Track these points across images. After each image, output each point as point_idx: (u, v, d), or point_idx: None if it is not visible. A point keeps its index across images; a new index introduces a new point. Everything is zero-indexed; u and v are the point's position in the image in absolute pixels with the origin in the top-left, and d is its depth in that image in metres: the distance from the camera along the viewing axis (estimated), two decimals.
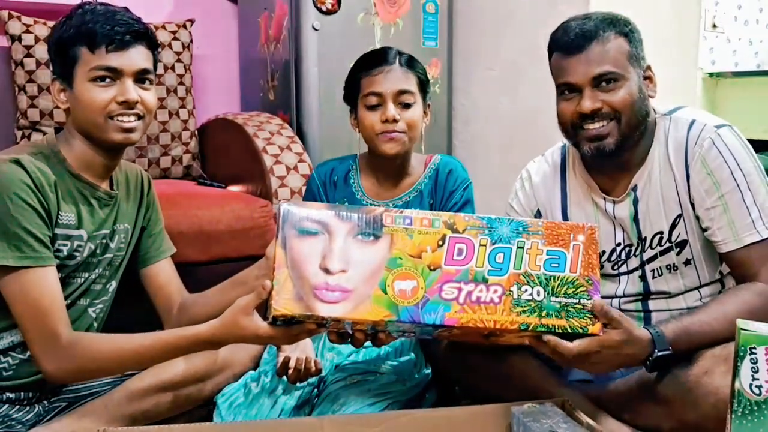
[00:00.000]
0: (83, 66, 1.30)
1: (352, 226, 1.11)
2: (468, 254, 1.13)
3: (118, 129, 1.32)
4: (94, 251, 1.39)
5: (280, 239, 1.09)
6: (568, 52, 1.32)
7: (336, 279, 1.08)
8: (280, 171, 2.08)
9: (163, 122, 2.28)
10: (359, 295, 1.09)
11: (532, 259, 1.15)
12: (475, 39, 2.61)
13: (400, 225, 1.13)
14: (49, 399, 1.40)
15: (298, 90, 2.34)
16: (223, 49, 2.76)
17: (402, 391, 1.46)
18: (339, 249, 1.09)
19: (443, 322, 1.10)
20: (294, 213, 1.11)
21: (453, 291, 1.11)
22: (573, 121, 1.34)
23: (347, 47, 2.27)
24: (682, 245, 1.39)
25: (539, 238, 1.16)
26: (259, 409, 1.42)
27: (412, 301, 1.10)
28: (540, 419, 1.19)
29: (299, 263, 1.08)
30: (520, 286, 1.13)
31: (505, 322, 1.11)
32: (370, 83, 1.54)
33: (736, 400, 0.97)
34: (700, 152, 1.32)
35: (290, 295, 1.07)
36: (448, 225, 1.14)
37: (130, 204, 1.49)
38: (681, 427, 1.24)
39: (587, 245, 1.17)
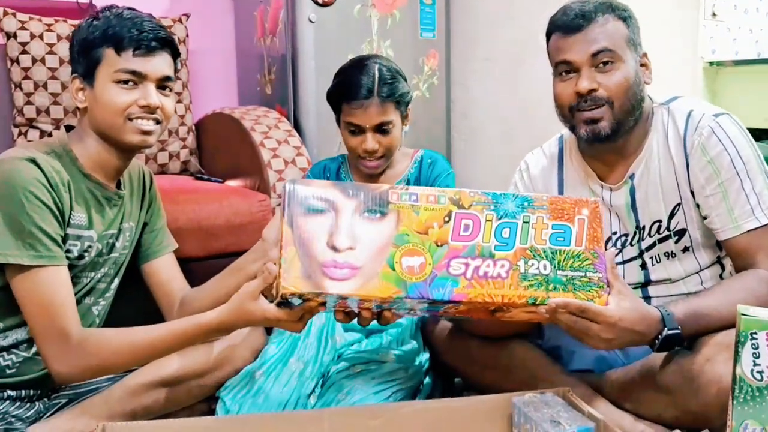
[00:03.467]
0: (107, 67, 1.31)
1: (359, 203, 1.11)
2: (474, 230, 1.13)
3: (136, 131, 1.33)
4: (101, 251, 1.39)
5: (286, 217, 1.09)
6: (567, 31, 1.34)
7: (344, 256, 1.08)
8: (277, 165, 2.07)
9: None
10: (367, 272, 1.08)
11: (538, 234, 1.15)
12: (474, 30, 2.61)
13: (406, 201, 1.12)
14: (50, 396, 1.40)
15: (295, 83, 2.33)
16: (220, 44, 2.75)
17: (405, 378, 1.48)
18: (346, 226, 1.09)
19: (451, 298, 1.09)
20: (300, 191, 1.10)
21: (460, 266, 1.11)
22: (570, 102, 1.34)
23: (344, 39, 2.27)
24: (680, 234, 1.39)
25: (544, 213, 1.16)
26: (266, 398, 1.42)
27: (420, 277, 1.09)
28: (541, 409, 1.19)
29: (307, 241, 1.08)
30: (526, 261, 1.13)
31: (513, 297, 1.11)
32: (350, 114, 1.60)
33: (738, 386, 0.97)
34: (699, 140, 1.32)
35: (299, 273, 1.06)
36: (454, 201, 1.13)
37: (135, 202, 1.49)
38: (684, 415, 1.24)
39: (591, 219, 1.17)
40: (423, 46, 2.51)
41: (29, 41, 2.09)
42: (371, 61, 1.63)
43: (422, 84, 2.55)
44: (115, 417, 1.37)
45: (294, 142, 2.15)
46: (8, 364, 1.32)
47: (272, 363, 1.49)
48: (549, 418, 1.15)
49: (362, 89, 1.58)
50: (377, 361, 1.50)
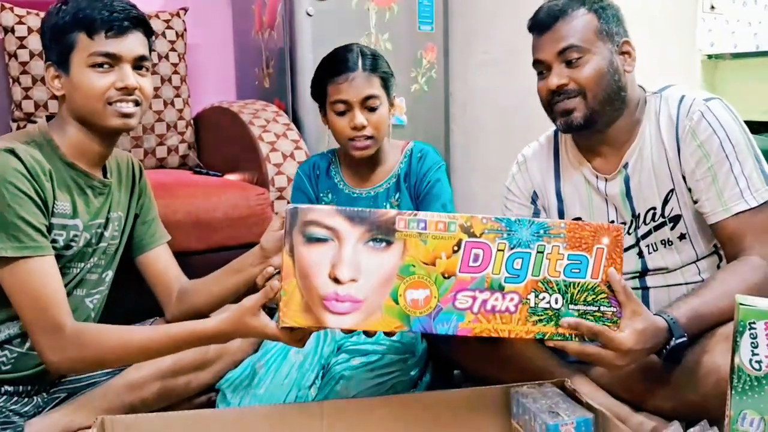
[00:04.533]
0: (81, 52, 1.29)
1: (363, 232, 1.06)
2: (484, 260, 1.09)
3: (116, 114, 1.31)
4: (89, 241, 1.38)
5: (287, 246, 1.05)
6: (539, 30, 1.38)
7: (346, 289, 1.04)
8: (276, 158, 2.07)
9: (158, 112, 2.27)
10: (370, 305, 1.05)
11: (552, 264, 1.10)
12: (472, 23, 2.60)
13: (413, 230, 1.07)
14: (48, 391, 1.40)
15: (293, 77, 2.33)
16: (217, 38, 2.74)
17: (404, 370, 1.49)
18: (349, 257, 1.05)
19: (456, 333, 1.07)
20: (301, 217, 1.06)
21: (467, 300, 1.08)
22: (546, 98, 1.39)
23: (342, 33, 2.26)
24: (675, 220, 1.40)
25: (561, 242, 1.10)
26: (266, 389, 1.43)
27: (424, 311, 1.07)
28: (539, 400, 1.19)
29: (307, 273, 1.05)
30: (537, 294, 1.10)
31: (521, 332, 1.09)
32: (337, 91, 1.58)
33: (736, 376, 0.97)
34: (690, 125, 1.33)
35: (299, 306, 1.05)
36: (465, 229, 1.08)
37: (123, 191, 1.48)
38: (682, 406, 1.24)
39: (611, 249, 1.11)
40: (421, 40, 2.51)
41: (27, 35, 2.08)
42: (351, 44, 1.65)
43: (420, 77, 2.54)
44: (113, 410, 1.36)
45: (292, 136, 2.15)
46: (2, 360, 1.32)
47: (272, 355, 1.50)
48: (547, 409, 1.15)
49: (347, 63, 1.58)
50: (376, 352, 1.50)
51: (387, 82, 1.62)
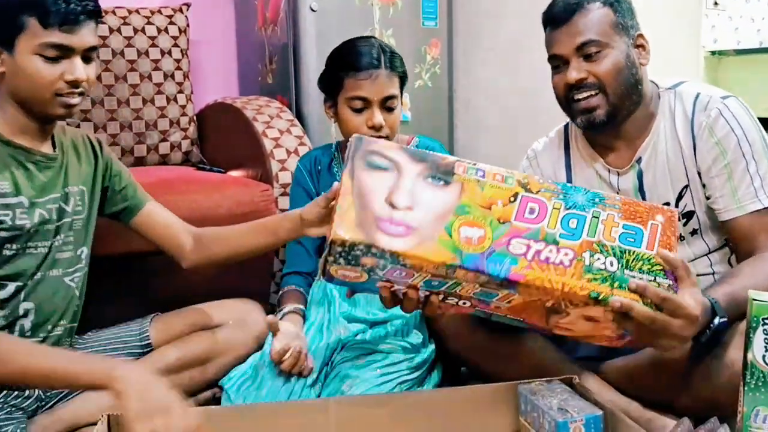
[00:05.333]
0: (31, 38, 1.26)
1: (423, 168, 1.06)
2: (540, 214, 1.07)
3: (61, 105, 1.30)
4: (46, 218, 1.35)
5: (347, 169, 1.05)
6: (555, 24, 1.37)
7: (401, 214, 1.03)
8: (280, 154, 2.06)
9: (161, 108, 2.26)
10: (423, 234, 1.02)
11: (607, 230, 1.08)
12: (476, 18, 2.59)
13: (472, 176, 1.07)
14: None
15: (296, 73, 2.31)
16: (220, 33, 2.73)
17: (410, 369, 1.47)
18: (407, 187, 1.05)
19: (508, 276, 1.03)
20: (365, 146, 1.07)
21: (521, 246, 1.04)
22: (564, 93, 1.37)
23: (346, 28, 2.24)
24: (688, 216, 1.40)
25: (616, 212, 1.09)
26: (270, 389, 1.41)
27: (477, 249, 1.03)
28: (548, 397, 1.19)
29: (365, 194, 1.04)
30: (592, 254, 1.05)
31: (575, 287, 1.03)
32: (357, 87, 1.54)
33: (749, 372, 0.97)
34: (707, 122, 1.34)
35: (352, 222, 1.02)
36: (522, 184, 1.08)
37: (84, 166, 1.45)
38: (693, 402, 1.24)
39: (666, 226, 1.10)
40: (425, 35, 2.50)
41: None
42: (369, 37, 1.61)
43: (424, 73, 2.53)
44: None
45: (296, 132, 2.14)
46: None
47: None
48: (556, 406, 1.15)
49: (370, 59, 1.54)
50: (382, 351, 1.49)
51: (404, 81, 1.61)
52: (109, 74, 2.17)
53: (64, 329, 1.40)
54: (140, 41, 2.22)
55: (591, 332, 1.13)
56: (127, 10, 2.25)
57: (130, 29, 2.22)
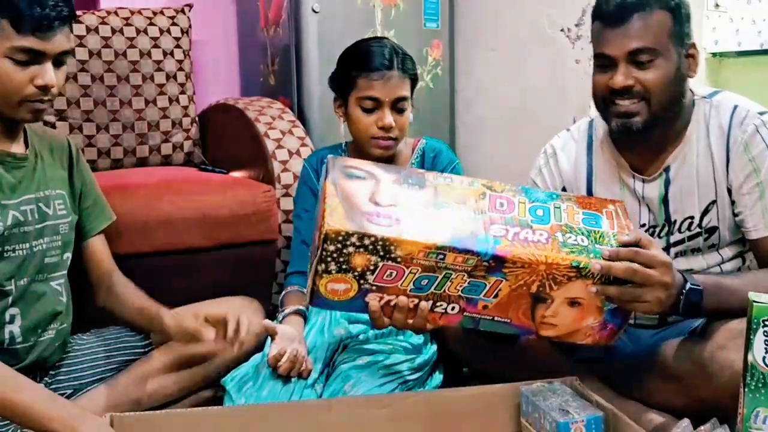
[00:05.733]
0: (2, 40, 1.23)
1: (397, 177, 1.17)
2: (509, 207, 1.17)
3: (30, 110, 1.29)
4: (22, 220, 1.32)
5: (329, 178, 1.12)
6: (608, 22, 1.29)
7: (386, 210, 1.09)
8: (282, 155, 2.07)
9: (163, 109, 2.26)
10: (410, 224, 1.09)
11: (570, 216, 1.18)
12: (477, 20, 2.60)
13: (441, 182, 1.19)
14: (47, 382, 1.39)
15: (299, 74, 2.32)
16: (221, 34, 2.73)
17: (411, 371, 1.47)
18: (386, 190, 1.13)
19: (495, 253, 1.08)
20: (340, 162, 1.17)
21: (501, 230, 1.12)
22: (604, 94, 1.32)
23: (348, 30, 2.25)
24: (711, 231, 1.37)
25: (573, 203, 1.20)
26: (270, 390, 1.41)
27: (462, 233, 1.10)
28: (549, 398, 1.20)
29: (349, 196, 1.10)
30: (563, 234, 1.14)
31: (557, 258, 1.10)
32: (369, 87, 1.55)
33: (749, 373, 0.97)
34: (743, 137, 1.30)
35: (341, 216, 1.06)
36: (487, 186, 1.20)
37: (58, 170, 1.44)
38: (693, 402, 1.23)
39: (619, 213, 1.21)
40: (427, 37, 2.50)
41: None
42: (382, 38, 1.63)
43: (426, 74, 2.53)
44: (121, 405, 1.38)
45: (298, 133, 2.14)
46: None
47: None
48: (558, 407, 1.16)
49: (383, 59, 1.55)
50: (383, 352, 1.49)
51: (415, 84, 1.61)
52: (111, 75, 2.17)
53: (56, 332, 1.40)
54: (142, 42, 2.22)
55: (575, 324, 1.17)
56: (130, 11, 2.25)
57: (133, 30, 2.22)
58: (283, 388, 1.41)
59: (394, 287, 1.11)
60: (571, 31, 2.25)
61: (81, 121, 2.14)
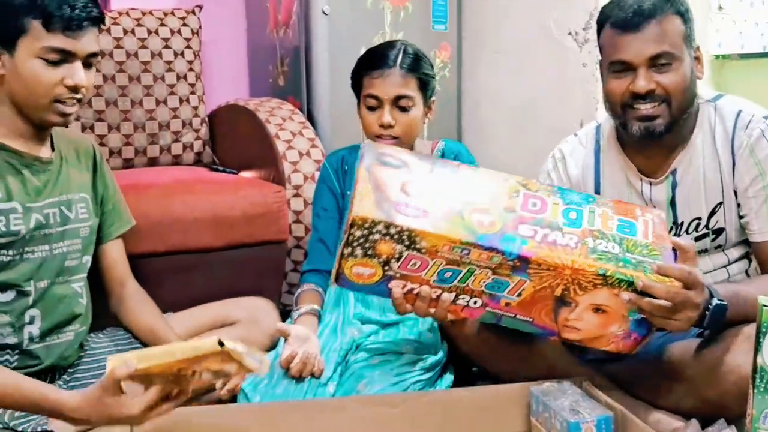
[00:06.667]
0: (33, 41, 1.25)
1: (431, 167, 1.17)
2: (542, 207, 1.15)
3: (58, 112, 1.30)
4: (44, 222, 1.33)
5: (363, 164, 1.13)
6: (623, 28, 1.30)
7: (415, 201, 1.09)
8: (292, 156, 2.08)
9: (174, 109, 2.28)
10: (438, 216, 1.09)
11: (604, 222, 1.15)
12: (484, 22, 2.61)
13: (474, 175, 1.18)
14: (65, 380, 1.41)
15: (308, 75, 2.32)
16: (231, 35, 2.74)
17: (423, 370, 1.49)
18: (419, 180, 1.13)
19: (520, 253, 1.08)
20: (376, 148, 1.17)
21: (530, 231, 1.11)
22: (623, 99, 1.33)
23: (358, 31, 2.27)
24: (718, 233, 1.39)
25: (609, 209, 1.17)
26: (285, 389, 1.43)
27: (489, 230, 1.09)
28: (559, 398, 1.21)
29: (380, 184, 1.11)
30: (594, 239, 1.12)
31: (583, 264, 1.08)
32: (370, 85, 1.58)
33: (759, 376, 0.99)
34: (748, 141, 1.33)
35: (372, 202, 1.07)
36: (522, 183, 1.18)
37: (83, 173, 1.45)
38: (701, 404, 1.26)
39: (656, 222, 1.18)
40: (435, 39, 2.51)
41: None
42: (397, 41, 1.65)
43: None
44: None
45: (308, 134, 2.15)
46: (7, 359, 1.32)
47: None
48: (568, 407, 1.17)
49: (384, 58, 1.58)
50: (396, 352, 1.51)
51: (426, 84, 1.61)
52: (123, 75, 2.19)
53: (75, 334, 1.41)
54: (154, 43, 2.24)
55: (599, 330, 1.16)
56: (141, 11, 2.27)
57: (144, 31, 2.24)
58: (297, 387, 1.43)
59: (417, 276, 1.11)
60: (579, 35, 2.26)
61: (93, 121, 2.16)
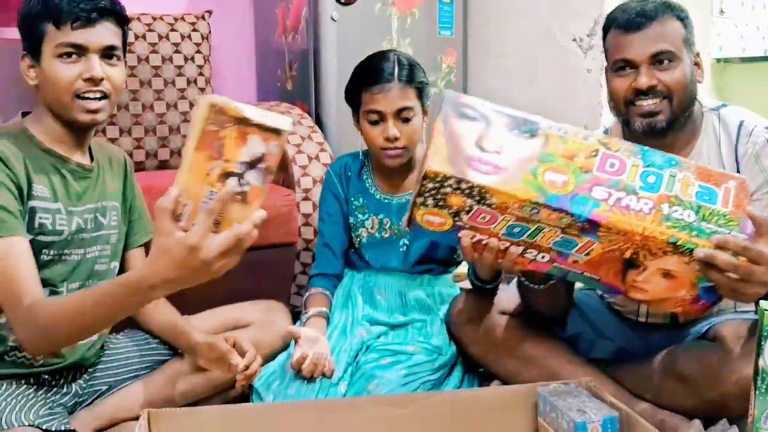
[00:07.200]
0: (49, 42, 1.28)
1: (510, 121, 1.13)
2: (620, 168, 1.12)
3: (83, 110, 1.31)
4: (83, 227, 1.37)
5: (441, 114, 1.11)
6: (627, 29, 1.36)
7: (489, 156, 1.09)
8: (302, 160, 2.11)
9: (184, 113, 2.30)
10: (510, 173, 1.08)
11: (684, 188, 1.12)
12: (490, 28, 2.63)
13: (555, 132, 1.14)
14: (85, 379, 1.43)
15: (317, 80, 2.36)
16: (240, 40, 2.77)
17: (432, 370, 1.52)
18: (495, 135, 1.11)
19: (590, 216, 1.07)
20: (456, 98, 1.13)
21: (603, 193, 1.09)
22: (626, 97, 1.38)
23: (365, 37, 2.30)
24: None
25: (691, 173, 1.14)
26: (297, 389, 1.47)
27: (561, 191, 1.08)
28: (566, 398, 1.23)
29: (456, 137, 1.09)
30: (670, 206, 1.10)
31: (655, 231, 1.08)
32: (371, 101, 1.60)
33: (760, 377, 1.02)
34: (753, 149, 1.36)
35: (444, 158, 1.07)
36: (602, 142, 1.14)
37: (115, 182, 1.49)
38: (703, 404, 1.29)
39: (739, 190, 1.14)
40: (441, 44, 2.54)
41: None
42: (390, 52, 1.66)
43: (440, 81, 2.57)
44: (155, 402, 1.42)
45: (317, 138, 2.18)
46: (33, 357, 1.34)
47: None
48: (575, 408, 1.19)
49: (383, 73, 1.59)
50: (405, 352, 1.54)
51: (422, 92, 1.63)
52: (134, 80, 2.22)
53: (98, 335, 1.43)
54: (164, 48, 2.27)
55: (666, 293, 1.16)
56: (152, 17, 2.30)
57: (155, 36, 2.27)
58: (308, 387, 1.47)
59: (486, 229, 1.13)
60: (583, 41, 2.29)
61: (104, 125, 2.19)
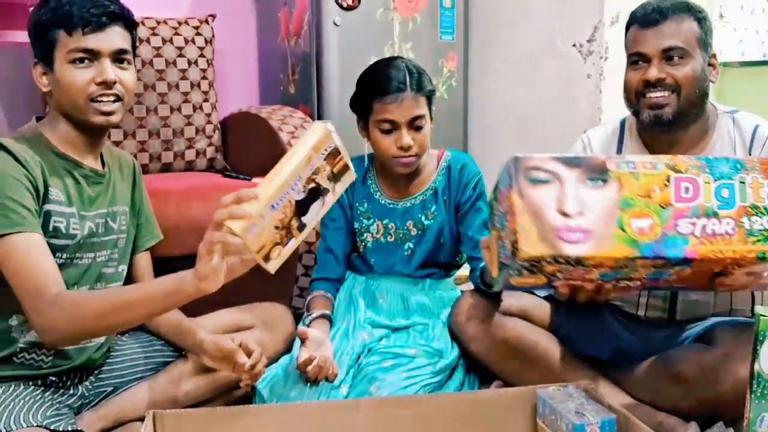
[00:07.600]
0: (61, 49, 1.31)
1: (580, 173, 1.14)
2: (695, 191, 1.15)
3: (97, 112, 1.33)
4: (94, 231, 1.39)
5: (515, 189, 1.12)
6: (644, 25, 1.43)
7: (575, 221, 1.10)
8: None
9: (188, 116, 2.32)
10: (599, 234, 1.10)
11: (756, 193, 1.15)
12: (491, 32, 2.65)
13: (624, 169, 1.15)
14: (91, 381, 1.45)
15: (319, 83, 2.38)
16: (242, 44, 2.79)
17: (433, 373, 1.53)
18: (572, 194, 1.12)
19: (685, 255, 1.11)
20: (523, 163, 1.14)
21: (688, 226, 1.12)
22: (637, 89, 1.44)
23: (367, 42, 2.32)
24: None
25: (758, 173, 1.17)
26: (299, 391, 1.48)
27: (651, 237, 1.11)
28: (565, 401, 1.24)
29: (538, 209, 1.11)
30: (749, 218, 1.14)
31: (743, 251, 1.11)
32: (384, 110, 1.60)
33: (756, 381, 1.03)
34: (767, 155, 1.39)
35: (536, 238, 1.09)
36: (670, 166, 1.16)
37: (125, 186, 1.51)
38: (699, 405, 1.32)
39: None
40: (442, 49, 2.56)
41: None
42: (396, 59, 1.66)
43: (441, 86, 2.59)
44: (159, 403, 1.44)
45: None
46: (42, 359, 1.36)
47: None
48: (574, 410, 1.21)
49: (395, 83, 1.59)
50: (407, 355, 1.55)
51: (431, 99, 1.65)
52: (138, 83, 2.23)
53: (106, 337, 1.46)
54: (168, 51, 2.29)
55: (750, 284, 1.21)
56: (156, 20, 2.31)
57: (159, 39, 2.29)
58: (311, 389, 1.48)
59: (582, 277, 1.16)
60: (583, 47, 2.30)
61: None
